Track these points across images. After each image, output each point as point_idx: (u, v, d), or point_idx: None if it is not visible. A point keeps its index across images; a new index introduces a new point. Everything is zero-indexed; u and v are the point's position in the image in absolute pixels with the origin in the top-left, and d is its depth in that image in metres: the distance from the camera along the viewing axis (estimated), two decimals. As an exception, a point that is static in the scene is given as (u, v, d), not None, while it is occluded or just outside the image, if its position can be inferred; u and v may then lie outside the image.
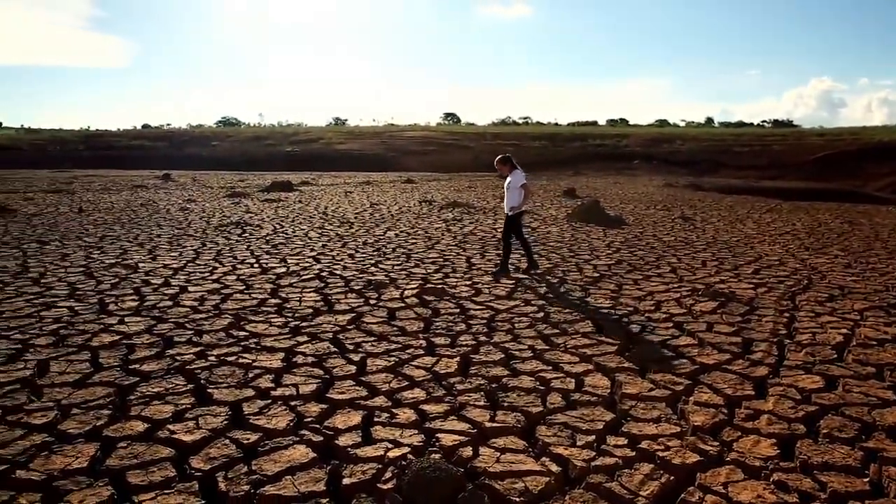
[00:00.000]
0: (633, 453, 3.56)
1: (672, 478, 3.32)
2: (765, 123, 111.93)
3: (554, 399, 4.34)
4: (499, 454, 3.52)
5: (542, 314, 6.55)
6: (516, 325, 6.15)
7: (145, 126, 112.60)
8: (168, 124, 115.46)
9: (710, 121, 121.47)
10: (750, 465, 3.44)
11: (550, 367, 4.97)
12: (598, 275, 8.65)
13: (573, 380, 4.69)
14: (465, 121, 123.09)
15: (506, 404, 4.25)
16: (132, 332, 5.76)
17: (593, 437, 3.76)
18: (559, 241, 11.84)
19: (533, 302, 7.06)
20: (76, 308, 6.63)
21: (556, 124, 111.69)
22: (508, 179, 8.87)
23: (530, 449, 3.63)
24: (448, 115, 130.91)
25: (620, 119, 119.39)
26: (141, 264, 9.09)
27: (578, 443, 3.68)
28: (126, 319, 6.19)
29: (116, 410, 4.11)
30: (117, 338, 5.61)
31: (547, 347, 5.47)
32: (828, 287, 7.97)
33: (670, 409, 4.18)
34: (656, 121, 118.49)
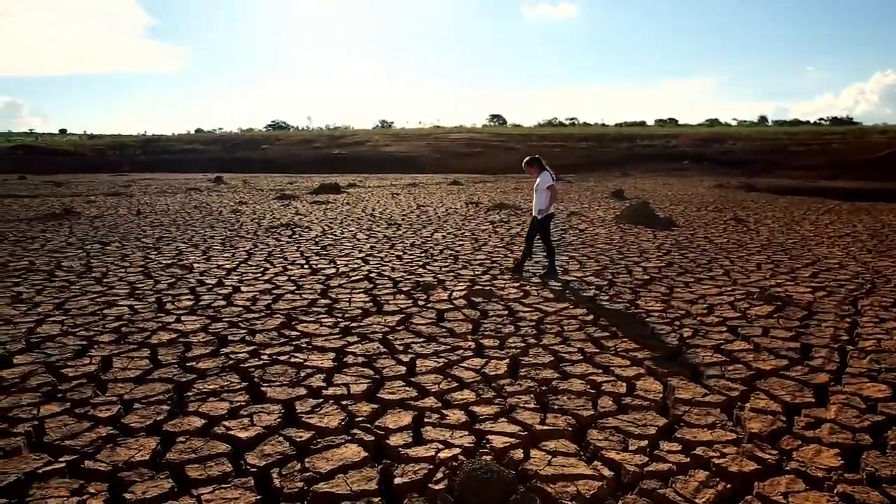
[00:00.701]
0: (688, 459, 3.49)
1: (728, 486, 3.24)
2: (822, 121, 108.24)
3: (605, 403, 4.28)
4: (550, 457, 3.50)
5: (591, 317, 6.48)
6: (565, 327, 6.09)
7: (198, 130, 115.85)
8: (220, 128, 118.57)
9: (763, 119, 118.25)
10: (812, 475, 3.32)
11: (601, 371, 4.91)
12: (648, 277, 8.50)
13: (624, 383, 4.62)
14: (511, 122, 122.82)
15: (556, 407, 4.21)
16: (188, 331, 5.93)
17: (646, 441, 3.70)
18: (607, 242, 11.69)
19: (582, 304, 6.99)
20: (136, 307, 6.86)
21: (604, 125, 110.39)
22: (537, 181, 8.79)
23: (582, 452, 3.59)
24: (494, 117, 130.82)
25: (669, 119, 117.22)
26: (196, 265, 9.36)
27: (631, 447, 3.63)
28: (182, 318, 6.38)
29: (175, 406, 4.23)
30: (174, 336, 5.78)
31: (597, 350, 5.41)
32: (893, 291, 7.65)
33: (725, 416, 4.08)
34: (707, 120, 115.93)
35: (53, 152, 72.11)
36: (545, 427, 3.89)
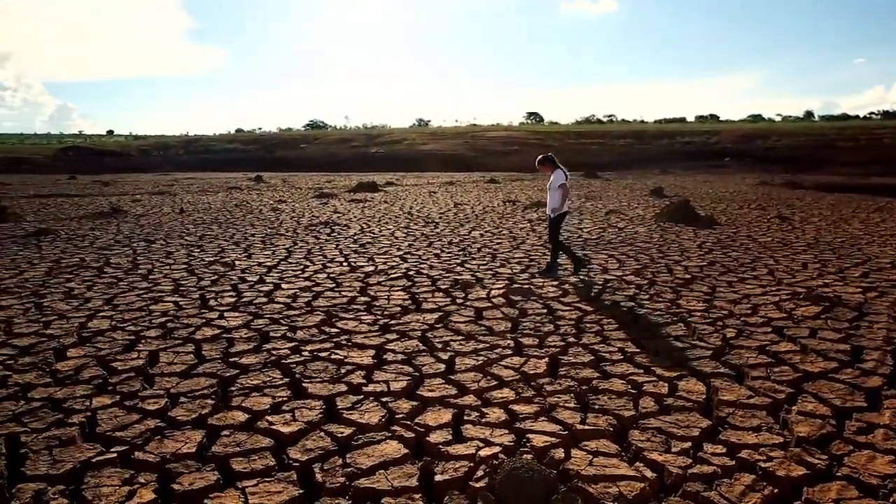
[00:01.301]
0: (733, 462, 3.42)
1: (776, 490, 3.17)
2: (873, 115, 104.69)
3: (646, 403, 4.23)
4: (591, 457, 3.47)
5: (631, 316, 6.40)
6: (605, 326, 6.03)
7: (238, 130, 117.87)
8: (259, 128, 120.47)
9: (809, 115, 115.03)
10: (865, 482, 3.22)
11: (642, 371, 4.85)
12: (689, 276, 8.35)
13: (666, 384, 4.55)
14: (548, 120, 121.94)
15: (596, 407, 4.18)
16: (231, 327, 6.04)
17: (689, 443, 3.64)
18: (647, 241, 11.52)
19: (622, 304, 6.91)
20: (180, 303, 7.02)
21: (642, 122, 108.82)
22: (550, 179, 8.76)
23: (623, 453, 3.55)
24: (531, 115, 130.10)
25: (710, 115, 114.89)
26: (237, 262, 9.53)
27: (673, 449, 3.57)
28: (225, 314, 6.51)
29: (219, 400, 4.32)
30: (218, 332, 5.90)
31: (637, 350, 5.34)
32: (948, 292, 7.37)
33: (771, 418, 3.99)
34: (749, 116, 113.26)
35: (101, 153, 74.29)
36: (586, 427, 3.86)
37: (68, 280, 8.34)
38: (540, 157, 9.08)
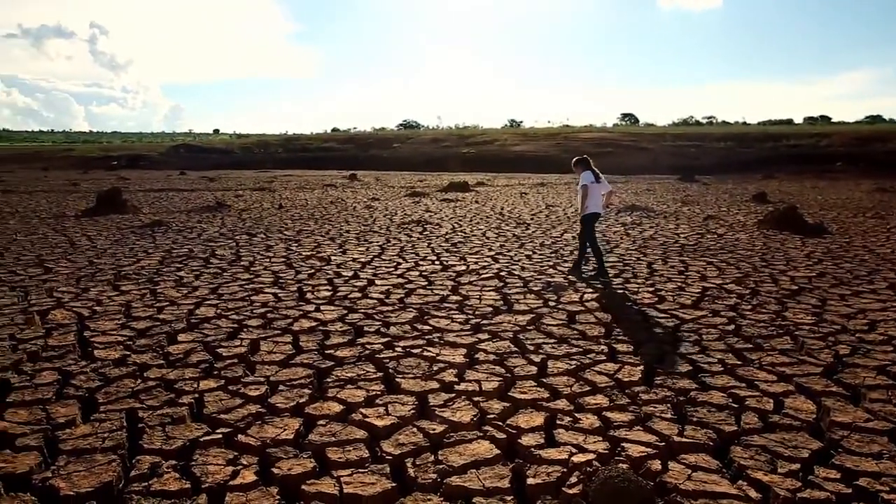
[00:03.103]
0: (849, 490, 3.18)
1: (898, 522, 2.93)
2: None
3: (749, 419, 4.02)
4: (690, 471, 3.33)
5: (732, 326, 6.11)
6: (704, 336, 5.79)
7: (334, 129, 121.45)
8: (354, 127, 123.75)
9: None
10: None
11: (744, 384, 4.61)
12: (796, 287, 7.88)
13: (771, 400, 4.31)
14: (643, 121, 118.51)
15: (695, 419, 4.01)
16: (327, 320, 6.23)
17: (797, 465, 3.42)
18: (749, 249, 10.97)
19: (722, 313, 6.61)
20: (279, 295, 7.31)
21: (745, 123, 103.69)
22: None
23: (724, 470, 3.39)
24: (626, 116, 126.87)
25: (821, 116, 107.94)
26: (333, 257, 9.83)
27: (780, 470, 3.37)
28: (321, 308, 6.72)
29: (315, 391, 4.47)
30: (314, 324, 6.10)
31: (739, 362, 5.09)
32: None
33: (894, 445, 3.69)
34: (866, 117, 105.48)
35: (208, 150, 78.63)
36: (684, 439, 3.72)
37: (178, 269, 8.87)
38: (575, 158, 9.34)
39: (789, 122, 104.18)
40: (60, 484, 3.16)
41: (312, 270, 8.76)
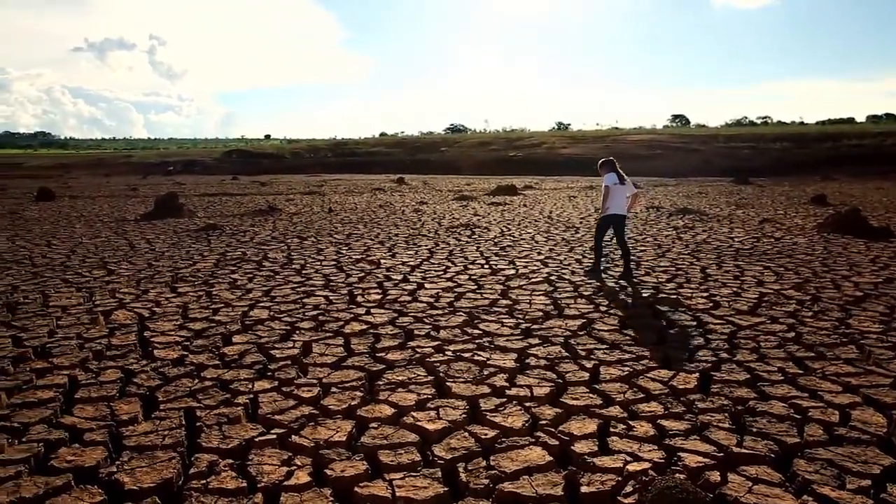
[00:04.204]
0: (923, 507, 3.03)
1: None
2: None
3: (813, 431, 3.86)
4: (751, 484, 3.22)
5: (792, 334, 5.90)
6: (762, 343, 5.60)
7: (382, 134, 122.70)
8: (402, 132, 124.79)
9: None
10: None
11: (806, 395, 4.44)
12: (860, 294, 7.56)
13: (836, 411, 4.14)
14: (694, 122, 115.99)
15: (755, 430, 3.88)
16: (377, 323, 6.28)
17: (868, 481, 3.27)
18: (808, 253, 10.59)
19: (781, 320, 6.39)
20: (331, 297, 7.41)
21: (802, 123, 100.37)
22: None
23: (788, 483, 3.26)
24: (676, 117, 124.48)
25: (886, 114, 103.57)
26: (382, 261, 9.91)
27: (849, 486, 3.23)
28: (372, 311, 6.77)
29: (367, 393, 4.50)
30: (365, 327, 6.15)
31: (800, 372, 4.91)
32: None
33: (973, 462, 3.49)
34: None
35: (259, 155, 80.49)
36: (743, 450, 3.60)
37: (232, 272, 9.08)
38: (601, 160, 9.47)
39: (850, 121, 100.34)
40: (124, 479, 3.27)
41: (362, 274, 8.85)
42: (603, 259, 9.39)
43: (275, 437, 3.78)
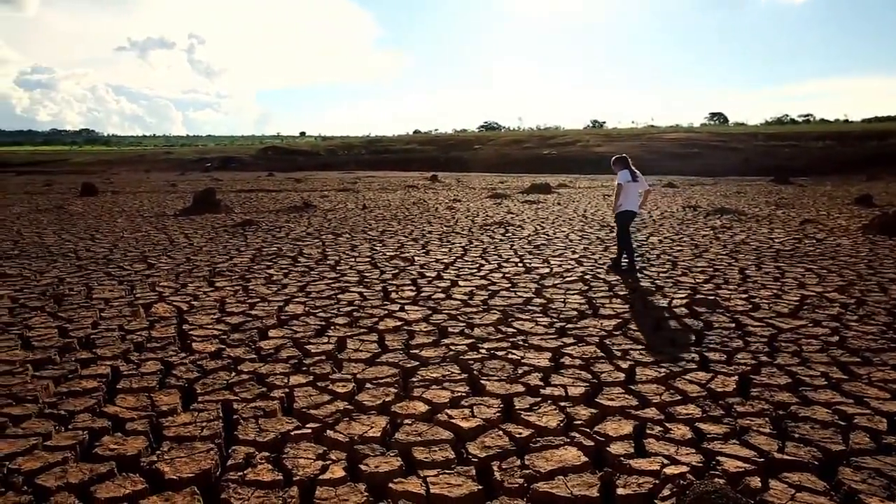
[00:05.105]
0: (976, 519, 2.92)
1: None
2: None
3: (860, 439, 3.75)
4: (793, 491, 3.14)
5: (836, 338, 5.73)
6: (804, 347, 5.46)
7: (416, 131, 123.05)
8: (435, 129, 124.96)
9: None
10: None
11: (852, 401, 4.31)
12: (909, 298, 7.32)
13: (884, 419, 4.01)
14: (733, 121, 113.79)
15: (797, 435, 3.78)
16: (411, 320, 6.29)
17: (918, 491, 3.16)
18: (853, 255, 10.29)
19: (824, 323, 6.22)
20: (365, 294, 7.45)
21: (846, 121, 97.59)
22: None
23: (833, 493, 3.17)
24: (714, 115, 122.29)
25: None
26: (416, 258, 9.93)
27: (898, 495, 3.13)
28: (406, 307, 6.79)
29: (401, 390, 4.51)
30: (399, 323, 6.17)
31: (845, 377, 4.77)
32: None
33: None
34: None
35: (294, 152, 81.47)
36: (785, 456, 3.51)
37: (268, 267, 9.20)
38: (614, 157, 9.66)
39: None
40: (165, 468, 3.33)
41: (396, 270, 8.89)
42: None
43: (310, 431, 3.81)
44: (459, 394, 4.40)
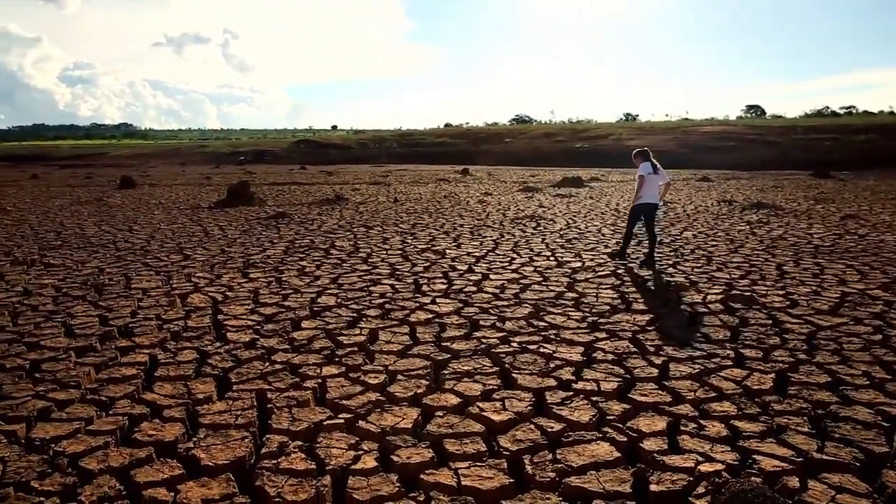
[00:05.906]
0: None
1: None
2: None
3: (903, 439, 3.65)
4: (834, 493, 3.07)
5: (879, 336, 5.58)
6: (845, 345, 5.33)
7: (447, 125, 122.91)
8: (467, 122, 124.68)
9: None
10: None
11: None
12: (955, 296, 7.08)
13: (929, 421, 3.89)
14: (770, 113, 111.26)
15: (837, 436, 3.69)
16: (443, 312, 6.30)
17: (964, 495, 3.07)
18: (897, 252, 9.99)
19: (866, 321, 6.05)
20: (396, 286, 7.48)
21: (891, 113, 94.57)
22: None
23: (876, 496, 3.09)
24: (751, 108, 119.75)
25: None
26: (447, 251, 9.93)
27: (943, 498, 3.04)
28: (437, 300, 6.80)
29: (433, 382, 4.52)
30: (430, 316, 6.18)
31: (888, 377, 4.63)
32: None
33: None
34: None
35: (326, 145, 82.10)
36: (824, 457, 3.43)
37: (301, 259, 9.30)
38: (634, 150, 9.79)
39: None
40: (200, 455, 3.40)
41: (428, 263, 8.90)
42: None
43: (342, 421, 3.85)
44: (491, 387, 4.40)
